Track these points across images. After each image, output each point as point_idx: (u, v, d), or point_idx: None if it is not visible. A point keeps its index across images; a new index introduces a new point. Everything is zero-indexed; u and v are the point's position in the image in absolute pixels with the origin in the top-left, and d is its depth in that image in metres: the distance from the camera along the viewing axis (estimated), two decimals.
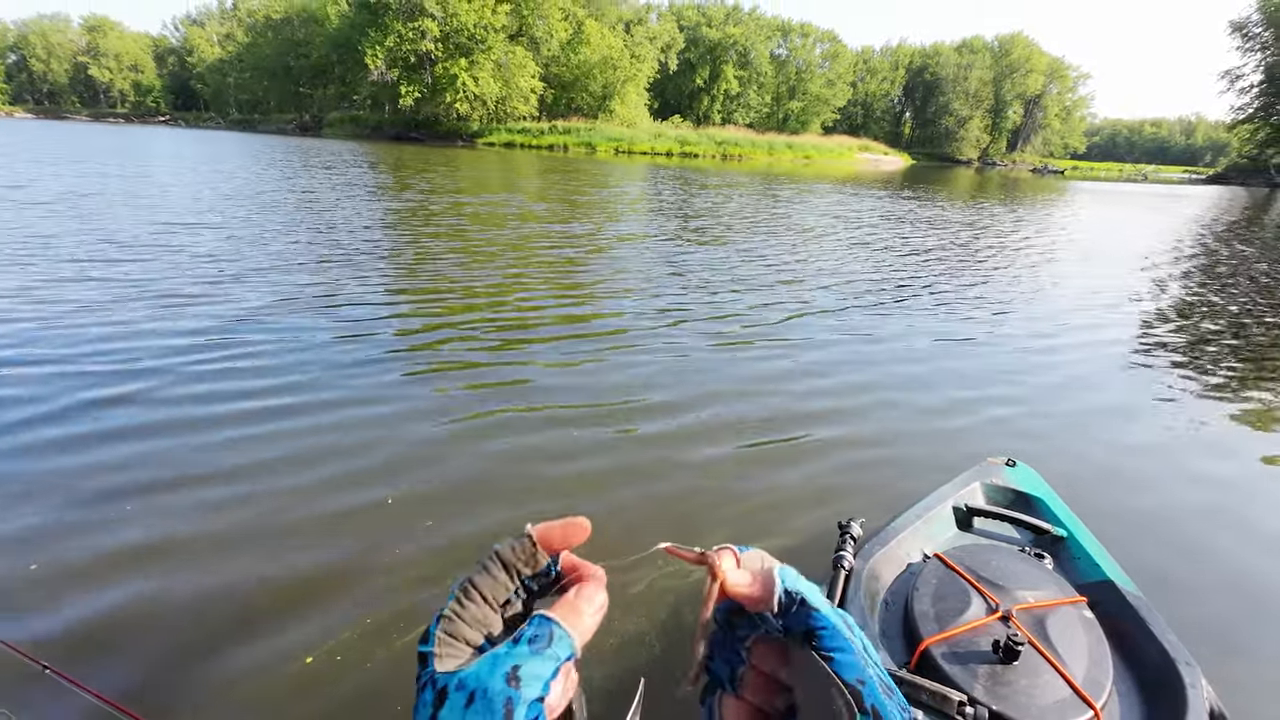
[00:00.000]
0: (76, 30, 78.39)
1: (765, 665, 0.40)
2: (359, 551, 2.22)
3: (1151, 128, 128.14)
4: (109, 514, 2.35)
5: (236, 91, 69.81)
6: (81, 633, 1.84)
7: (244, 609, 1.95)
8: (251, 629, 1.88)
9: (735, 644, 0.41)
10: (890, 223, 12.52)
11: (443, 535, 2.32)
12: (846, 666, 0.35)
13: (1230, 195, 34.11)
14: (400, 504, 2.49)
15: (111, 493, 2.47)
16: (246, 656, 1.78)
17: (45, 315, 4.36)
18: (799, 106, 68.32)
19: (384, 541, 2.26)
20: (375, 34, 43.07)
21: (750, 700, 0.40)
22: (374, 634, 1.87)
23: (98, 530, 2.26)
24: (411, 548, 2.25)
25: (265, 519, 2.37)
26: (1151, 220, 17.17)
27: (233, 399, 3.28)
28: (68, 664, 1.50)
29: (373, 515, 2.42)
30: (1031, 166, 67.34)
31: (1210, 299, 7.21)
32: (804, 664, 0.37)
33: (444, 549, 2.25)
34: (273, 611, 1.94)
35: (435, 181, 15.78)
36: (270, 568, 2.12)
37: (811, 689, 0.36)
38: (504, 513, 2.48)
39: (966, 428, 3.48)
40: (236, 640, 1.83)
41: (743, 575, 0.40)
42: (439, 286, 5.75)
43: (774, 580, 0.38)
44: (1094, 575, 1.62)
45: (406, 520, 2.40)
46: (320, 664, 1.77)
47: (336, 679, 1.73)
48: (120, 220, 8.05)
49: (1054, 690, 1.22)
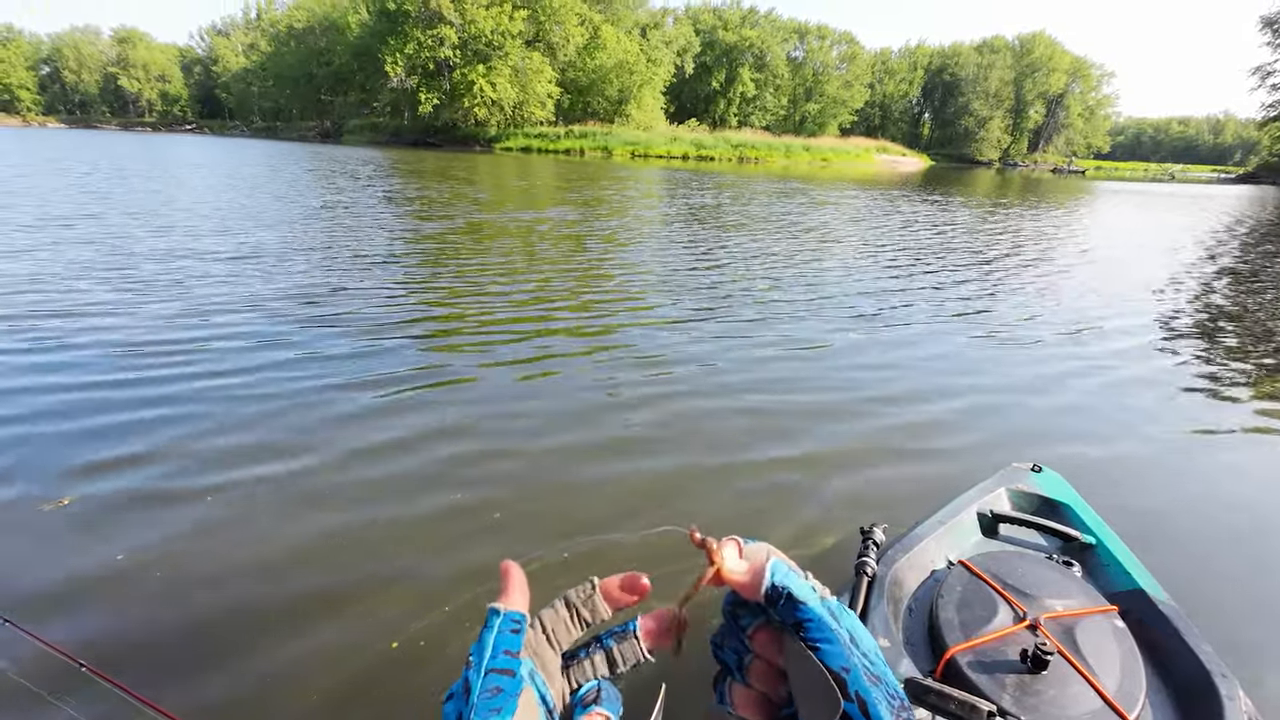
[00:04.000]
0: (107, 42, 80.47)
1: (766, 653, 0.42)
2: (433, 549, 2.29)
3: (1179, 126, 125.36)
4: (165, 508, 2.40)
5: (260, 100, 71.14)
6: (117, 632, 1.88)
7: (325, 602, 2.00)
8: (336, 616, 1.91)
9: (739, 633, 0.43)
10: (909, 225, 12.39)
11: (510, 532, 2.40)
12: (831, 655, 0.37)
13: (1261, 195, 33.26)
14: (470, 503, 2.57)
15: (164, 488, 2.52)
16: (333, 637, 1.87)
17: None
18: (816, 108, 67.93)
19: (457, 539, 2.35)
20: (395, 42, 43.71)
21: (757, 688, 0.42)
22: (452, 623, 1.95)
23: (148, 526, 2.31)
24: (481, 544, 2.32)
25: (338, 517, 2.41)
26: (1179, 221, 16.79)
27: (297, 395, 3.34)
28: (102, 661, 1.53)
29: (448, 515, 2.49)
30: (1052, 167, 66.23)
31: (1244, 302, 7.03)
32: (795, 653, 0.39)
33: (508, 545, 2.32)
34: (352, 604, 1.97)
35: (478, 192, 15.91)
36: (338, 570, 2.17)
37: (802, 676, 0.38)
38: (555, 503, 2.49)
39: (991, 432, 3.42)
40: (310, 633, 1.86)
41: (739, 564, 0.42)
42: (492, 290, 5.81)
43: (764, 571, 0.41)
44: (1125, 584, 1.58)
45: (478, 517, 2.47)
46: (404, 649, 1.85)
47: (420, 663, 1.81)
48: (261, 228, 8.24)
49: (1085, 701, 1.19)
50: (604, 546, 2.31)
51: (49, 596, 2.01)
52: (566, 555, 2.26)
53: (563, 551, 2.27)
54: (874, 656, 0.38)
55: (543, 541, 2.32)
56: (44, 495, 2.48)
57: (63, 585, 2.05)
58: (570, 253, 7.91)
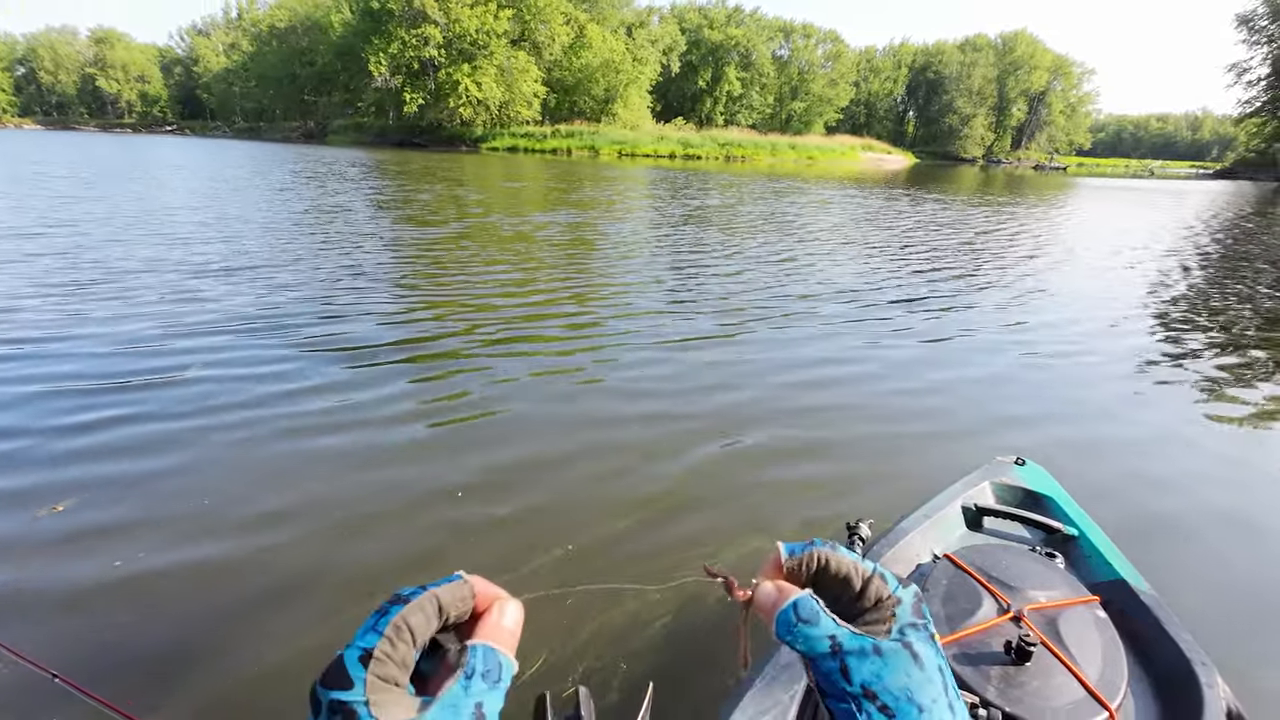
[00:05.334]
0: (84, 42, 79.17)
1: (809, 674, 0.43)
2: (431, 564, 2.25)
3: (1158, 123, 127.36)
4: (139, 516, 2.36)
5: (242, 100, 70.34)
6: (93, 640, 1.85)
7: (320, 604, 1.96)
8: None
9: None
10: (889, 221, 12.48)
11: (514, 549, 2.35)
12: (838, 712, 0.39)
13: (1238, 190, 33.84)
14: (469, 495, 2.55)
15: (143, 498, 2.48)
16: (326, 653, 1.79)
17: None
18: (802, 107, 68.30)
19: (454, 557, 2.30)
20: (379, 41, 43.39)
21: None
22: None
23: (123, 538, 2.27)
24: (488, 536, 2.30)
25: (314, 520, 2.38)
26: (1156, 217, 17.05)
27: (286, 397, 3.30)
28: (78, 673, 1.50)
29: (447, 530, 2.44)
30: (1034, 164, 67.01)
31: (1225, 296, 7.15)
32: None
33: (507, 563, 2.28)
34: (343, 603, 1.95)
35: (470, 193, 15.81)
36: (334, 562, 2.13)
37: None
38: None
39: (974, 426, 3.45)
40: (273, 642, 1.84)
41: (765, 595, 0.43)
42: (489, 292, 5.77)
43: (774, 612, 0.42)
44: (1107, 574, 1.60)
45: (477, 534, 2.43)
46: None
47: None
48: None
49: (1068, 691, 1.20)
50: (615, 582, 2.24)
51: (33, 606, 1.97)
52: (571, 600, 2.07)
53: (566, 590, 2.17)
54: (902, 708, 0.38)
55: (547, 574, 2.22)
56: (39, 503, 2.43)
57: (48, 596, 2.01)
58: (574, 261, 7.89)
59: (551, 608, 1.95)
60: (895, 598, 0.43)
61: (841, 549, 0.45)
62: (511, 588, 0.37)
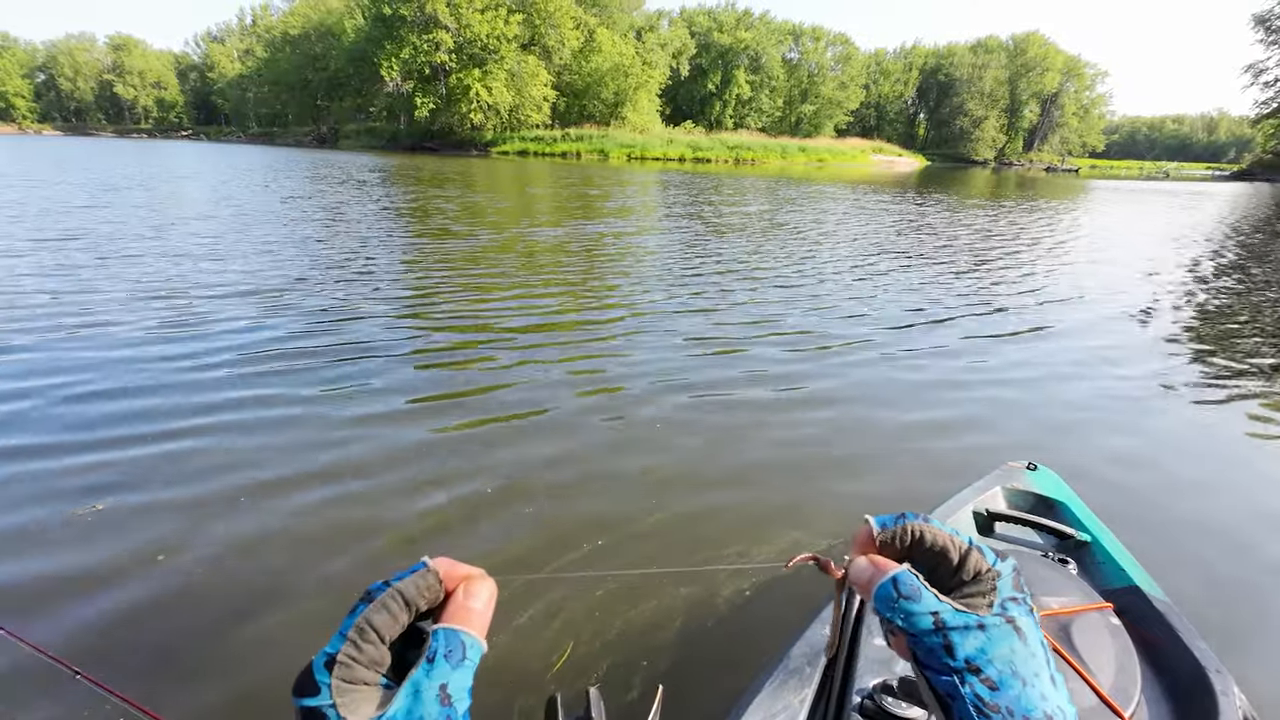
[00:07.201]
0: (102, 49, 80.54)
1: (898, 649, 0.44)
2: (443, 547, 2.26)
3: (1173, 124, 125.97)
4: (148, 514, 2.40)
5: (256, 105, 71.26)
6: (110, 635, 1.87)
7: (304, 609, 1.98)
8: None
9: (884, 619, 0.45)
10: (904, 225, 12.42)
11: (550, 517, 2.37)
12: (939, 682, 0.39)
13: (1255, 191, 33.38)
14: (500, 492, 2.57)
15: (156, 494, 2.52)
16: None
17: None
18: (811, 110, 68.17)
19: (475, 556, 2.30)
20: (391, 46, 43.83)
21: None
22: None
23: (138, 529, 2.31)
24: (510, 532, 2.32)
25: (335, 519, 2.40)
26: (1175, 218, 16.84)
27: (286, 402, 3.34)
28: (99, 669, 1.52)
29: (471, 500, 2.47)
30: (1046, 166, 66.47)
31: (1242, 300, 7.06)
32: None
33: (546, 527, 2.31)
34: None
35: (495, 201, 15.89)
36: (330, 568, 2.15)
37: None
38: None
39: (986, 430, 3.43)
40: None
41: (860, 571, 0.44)
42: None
43: (872, 586, 0.42)
44: (1120, 581, 1.59)
45: (508, 505, 2.45)
46: None
47: None
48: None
49: (1081, 699, 1.20)
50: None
51: (44, 597, 2.00)
52: (600, 591, 2.25)
53: (590, 575, 2.27)
54: (1006, 681, 0.38)
55: (578, 564, 2.29)
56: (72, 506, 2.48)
57: (65, 588, 2.04)
58: (601, 267, 7.91)
59: (579, 598, 1.99)
60: (995, 571, 0.42)
61: (935, 520, 0.44)
62: (540, 578, 0.37)
